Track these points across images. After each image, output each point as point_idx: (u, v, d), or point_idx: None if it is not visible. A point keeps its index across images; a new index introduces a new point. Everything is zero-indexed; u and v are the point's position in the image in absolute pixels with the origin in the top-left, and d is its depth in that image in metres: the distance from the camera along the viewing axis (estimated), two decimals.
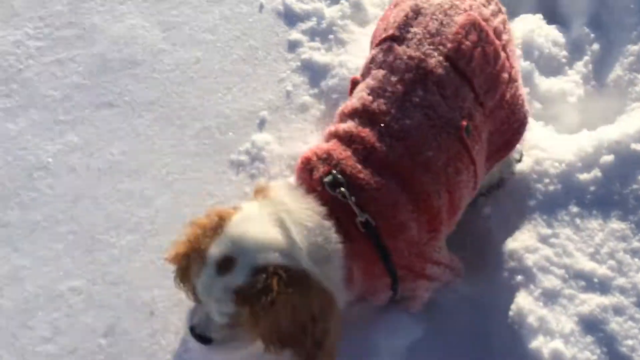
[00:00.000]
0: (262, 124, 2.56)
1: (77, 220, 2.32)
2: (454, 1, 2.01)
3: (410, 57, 1.90)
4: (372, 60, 2.01)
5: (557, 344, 1.93)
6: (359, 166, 1.80)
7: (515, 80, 2.09)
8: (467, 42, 1.93)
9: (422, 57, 1.90)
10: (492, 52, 1.98)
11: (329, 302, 1.71)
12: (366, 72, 2.02)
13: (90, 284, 2.17)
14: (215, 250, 1.70)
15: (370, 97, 1.89)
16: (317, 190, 1.81)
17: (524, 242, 2.13)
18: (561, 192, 2.21)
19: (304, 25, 2.81)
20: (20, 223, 2.32)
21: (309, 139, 2.50)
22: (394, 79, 1.90)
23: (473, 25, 1.97)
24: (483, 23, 1.99)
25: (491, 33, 2.00)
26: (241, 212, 1.78)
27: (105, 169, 2.46)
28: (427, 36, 1.93)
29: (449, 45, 1.92)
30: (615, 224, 2.14)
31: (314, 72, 2.67)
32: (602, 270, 2.06)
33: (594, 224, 2.15)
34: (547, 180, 2.24)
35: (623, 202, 2.18)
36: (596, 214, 2.17)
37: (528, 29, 2.74)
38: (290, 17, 2.84)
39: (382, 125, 1.84)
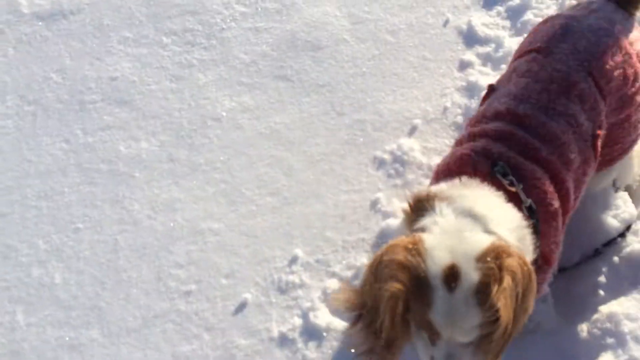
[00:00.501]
0: (412, 131, 2.71)
1: (231, 172, 2.65)
2: (603, 24, 2.08)
3: (555, 70, 2.01)
4: (515, 69, 2.11)
5: None
6: (520, 158, 1.90)
7: None
8: (611, 63, 2.04)
9: (568, 70, 2.00)
10: (632, 75, 2.07)
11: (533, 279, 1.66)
12: (506, 80, 2.12)
13: (227, 230, 2.49)
14: (435, 267, 1.57)
15: (514, 102, 1.99)
16: (486, 180, 1.84)
17: (627, 309, 2.14)
18: None
19: (481, 49, 2.91)
20: (186, 161, 2.69)
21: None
22: (537, 87, 2.00)
23: (619, 48, 2.06)
24: (629, 46, 2.09)
25: (634, 56, 2.09)
26: (432, 227, 1.68)
27: (267, 134, 2.76)
28: (575, 52, 2.03)
29: (594, 63, 2.02)
30: None
31: (477, 96, 2.75)
32: None
33: None
34: None
35: None
36: None
37: None
38: (470, 38, 2.95)
39: (529, 127, 1.94)
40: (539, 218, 1.85)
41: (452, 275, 1.55)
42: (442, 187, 1.85)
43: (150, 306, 2.32)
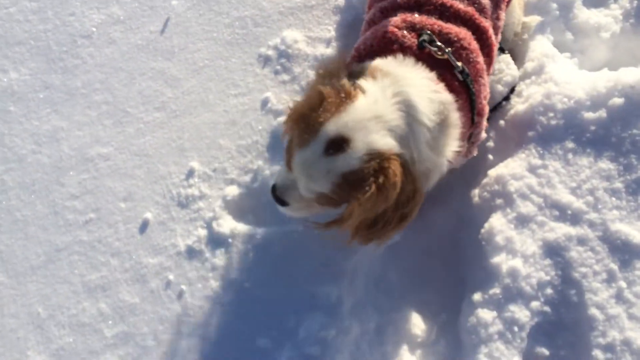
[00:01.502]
0: (294, 21, 2.64)
1: (112, 91, 2.53)
2: None
3: None
4: None
5: (517, 262, 2.11)
6: (441, 21, 1.90)
7: None
8: None
9: None
10: None
11: (419, 195, 1.74)
12: None
13: (117, 153, 2.42)
14: (332, 128, 1.63)
15: None
16: (416, 54, 1.83)
17: (513, 169, 2.26)
18: (562, 127, 2.29)
19: None
20: (62, 87, 2.55)
21: (336, 43, 2.58)
22: None
23: None
24: None
25: None
26: (366, 95, 1.70)
27: (143, 45, 2.63)
28: None
29: None
30: (604, 164, 2.23)
31: None
32: (578, 203, 2.18)
33: (584, 161, 2.24)
34: (551, 115, 2.31)
35: (618, 144, 2.25)
36: (589, 152, 2.25)
37: None
38: None
39: None
40: (471, 79, 1.88)
41: (338, 143, 1.61)
42: (380, 62, 1.83)
43: (51, 241, 2.28)
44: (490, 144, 2.38)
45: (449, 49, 1.85)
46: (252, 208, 2.30)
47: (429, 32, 1.86)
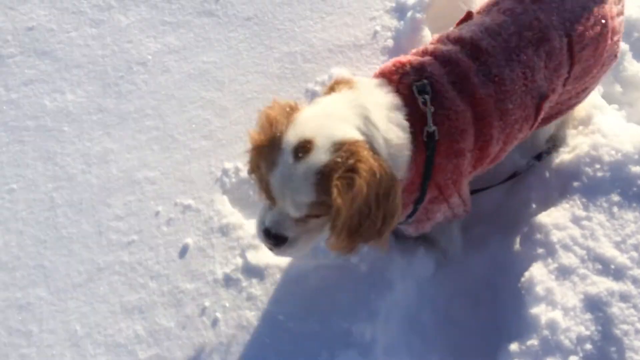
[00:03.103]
0: (342, 59, 2.69)
1: (162, 117, 2.61)
2: None
3: (537, 19, 1.97)
4: (497, 3, 2.07)
5: (557, 314, 2.07)
6: (449, 87, 1.88)
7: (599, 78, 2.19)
8: (590, 32, 2.00)
9: (548, 24, 1.96)
10: (602, 49, 2.05)
11: (397, 185, 1.73)
12: (485, 11, 2.09)
13: (163, 177, 2.48)
14: (292, 135, 1.66)
15: (480, 35, 1.96)
16: (403, 93, 1.84)
17: (556, 219, 2.23)
18: (608, 180, 2.26)
19: None
20: (115, 110, 2.63)
21: None
22: (512, 29, 1.96)
23: (602, 18, 2.02)
24: (610, 19, 2.05)
25: (610, 31, 2.05)
26: (320, 100, 1.79)
27: (196, 75, 2.71)
28: (561, 8, 1.99)
29: (575, 26, 1.97)
30: None
31: (407, 16, 2.71)
32: (622, 258, 2.15)
33: (630, 215, 2.21)
34: (597, 166, 2.29)
35: None
36: (635, 206, 2.22)
37: (636, 7, 2.68)
38: None
39: (483, 63, 1.92)
40: (436, 148, 1.85)
41: (304, 147, 1.63)
42: (360, 79, 1.90)
43: (93, 260, 2.33)
44: (534, 193, 2.37)
45: (432, 108, 1.83)
46: None
47: (427, 82, 1.85)
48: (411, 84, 1.85)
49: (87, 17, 2.86)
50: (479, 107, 1.89)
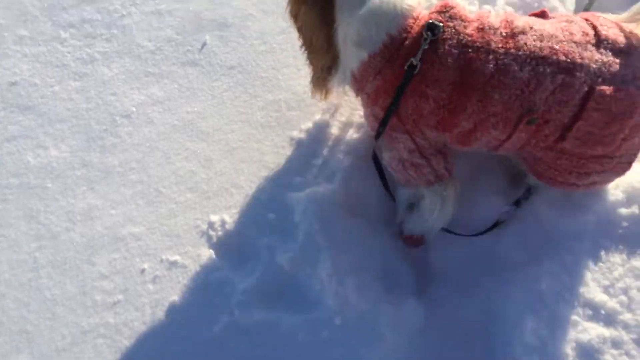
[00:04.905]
0: (326, 106, 2.67)
1: (147, 170, 2.58)
2: None
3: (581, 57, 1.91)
4: (571, 21, 2.01)
5: None
6: (458, 45, 1.90)
7: None
8: (612, 102, 1.89)
9: (583, 65, 1.90)
10: (615, 129, 1.94)
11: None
12: (557, 20, 2.05)
13: (149, 233, 2.44)
14: None
15: (530, 32, 1.94)
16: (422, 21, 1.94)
17: (543, 262, 2.21)
18: (593, 223, 2.23)
19: None
20: (99, 165, 2.61)
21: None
22: (556, 48, 1.91)
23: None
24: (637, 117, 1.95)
25: (632, 128, 1.96)
26: None
27: (180, 125, 2.69)
28: (605, 67, 1.90)
29: (601, 85, 1.89)
30: (638, 262, 2.17)
31: None
32: (611, 303, 2.12)
33: (617, 258, 2.18)
34: (584, 209, 2.26)
35: None
36: (622, 249, 2.19)
37: None
38: None
39: (506, 51, 1.90)
40: (411, 82, 1.93)
41: None
42: None
43: (78, 323, 2.29)
44: (519, 238, 2.33)
45: (427, 46, 1.89)
46: (280, 294, 2.28)
47: (443, 28, 1.90)
48: (430, 19, 1.92)
49: (70, 71, 2.85)
50: (466, 76, 1.89)
